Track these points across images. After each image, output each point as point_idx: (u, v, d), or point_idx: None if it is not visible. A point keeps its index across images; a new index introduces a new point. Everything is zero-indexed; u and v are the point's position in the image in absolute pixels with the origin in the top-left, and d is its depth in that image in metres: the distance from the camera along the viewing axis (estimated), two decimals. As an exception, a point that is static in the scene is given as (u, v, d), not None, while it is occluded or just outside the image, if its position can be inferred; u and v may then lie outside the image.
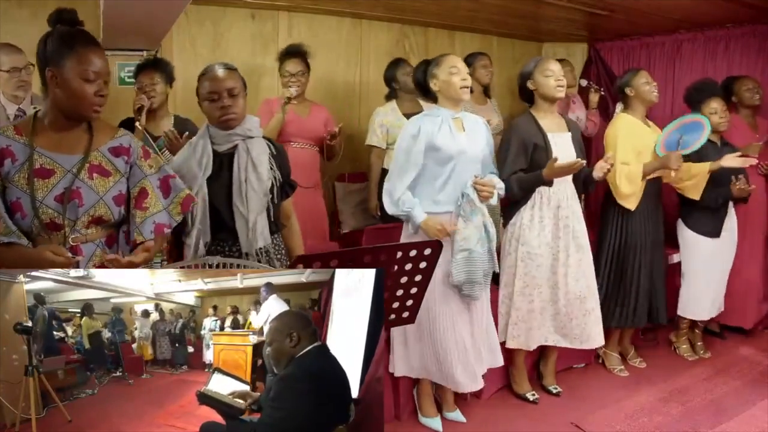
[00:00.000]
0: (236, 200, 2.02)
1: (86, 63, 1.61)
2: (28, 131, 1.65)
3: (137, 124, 2.70)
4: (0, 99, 2.74)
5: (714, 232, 3.25)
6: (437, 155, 2.42)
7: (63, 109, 1.66)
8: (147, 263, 1.76)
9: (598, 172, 2.69)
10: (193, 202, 1.93)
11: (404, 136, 2.47)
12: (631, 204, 3.01)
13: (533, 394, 2.89)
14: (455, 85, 2.43)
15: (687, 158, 3.01)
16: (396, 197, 2.43)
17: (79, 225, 1.67)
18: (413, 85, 3.55)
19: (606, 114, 4.54)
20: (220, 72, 2.04)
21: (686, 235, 3.31)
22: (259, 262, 2.06)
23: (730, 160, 3.03)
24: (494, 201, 2.52)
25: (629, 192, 2.98)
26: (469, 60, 3.87)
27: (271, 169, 2.09)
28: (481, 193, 2.41)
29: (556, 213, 2.72)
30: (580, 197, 2.86)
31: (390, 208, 2.47)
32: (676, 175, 3.02)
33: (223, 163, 2.07)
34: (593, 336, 2.80)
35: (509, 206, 2.78)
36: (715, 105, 3.17)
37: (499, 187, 2.55)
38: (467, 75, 2.48)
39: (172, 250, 2.22)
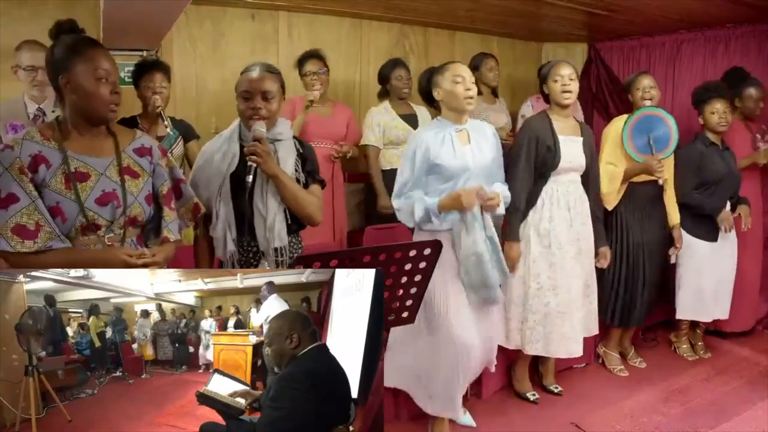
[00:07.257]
0: (256, 200, 2.04)
1: (95, 62, 1.63)
2: (56, 135, 1.67)
3: (165, 125, 2.77)
4: (24, 96, 2.74)
5: (711, 235, 3.25)
6: (439, 174, 2.31)
7: (81, 113, 1.67)
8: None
9: None
10: (200, 211, 1.97)
11: (407, 153, 2.37)
12: (608, 203, 3.00)
13: (534, 394, 2.89)
14: (459, 95, 2.30)
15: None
16: (402, 198, 2.35)
17: (116, 226, 1.70)
18: (404, 92, 3.58)
19: (606, 114, 4.54)
20: (257, 73, 2.03)
21: (684, 238, 3.30)
22: (276, 260, 2.08)
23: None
24: (501, 210, 2.39)
25: (607, 191, 2.98)
26: (476, 62, 3.88)
27: (296, 171, 2.10)
28: (488, 203, 2.27)
29: (566, 215, 2.71)
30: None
31: (406, 217, 2.34)
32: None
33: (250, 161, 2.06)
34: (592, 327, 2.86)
35: (514, 212, 2.67)
36: (718, 106, 3.16)
37: (505, 196, 2.43)
38: (472, 84, 2.34)
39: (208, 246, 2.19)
